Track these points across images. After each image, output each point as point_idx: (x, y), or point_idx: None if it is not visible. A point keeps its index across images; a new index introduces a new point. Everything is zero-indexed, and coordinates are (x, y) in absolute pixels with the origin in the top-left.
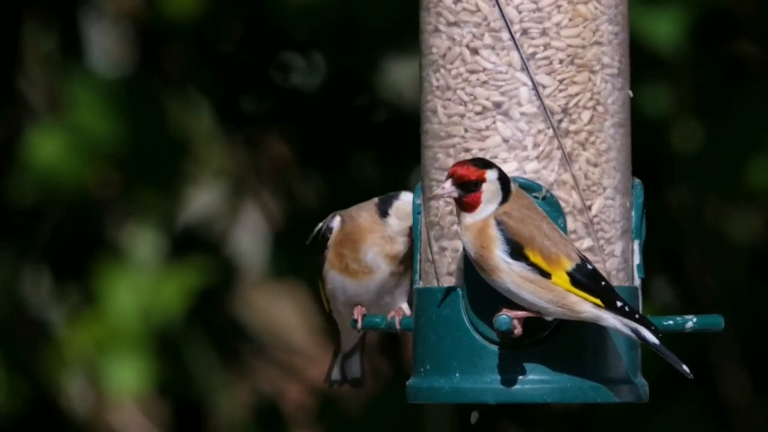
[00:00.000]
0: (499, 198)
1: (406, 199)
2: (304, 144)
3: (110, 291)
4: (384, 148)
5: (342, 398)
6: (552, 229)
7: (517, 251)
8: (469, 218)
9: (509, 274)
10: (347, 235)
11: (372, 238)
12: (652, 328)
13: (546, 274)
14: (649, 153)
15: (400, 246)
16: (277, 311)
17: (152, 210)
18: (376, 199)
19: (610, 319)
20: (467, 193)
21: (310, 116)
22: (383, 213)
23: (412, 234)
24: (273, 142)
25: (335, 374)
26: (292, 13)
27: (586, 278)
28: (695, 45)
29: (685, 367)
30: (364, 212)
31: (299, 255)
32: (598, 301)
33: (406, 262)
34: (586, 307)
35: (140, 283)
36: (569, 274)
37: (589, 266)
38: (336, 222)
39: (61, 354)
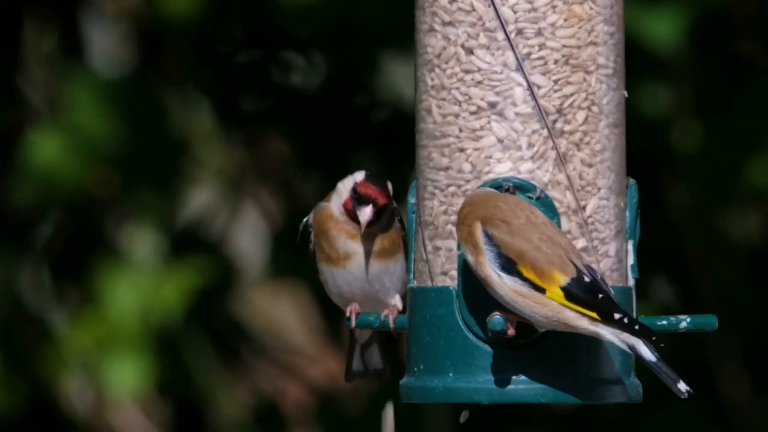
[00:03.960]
0: None
1: (353, 176)
2: (303, 144)
3: (110, 291)
4: (383, 148)
5: (342, 398)
6: (542, 238)
7: (509, 266)
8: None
9: (501, 287)
10: (318, 227)
11: (332, 223)
12: (653, 338)
13: (540, 289)
14: (648, 153)
15: (347, 225)
16: (277, 311)
17: (152, 210)
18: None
19: (608, 336)
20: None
21: (310, 116)
22: (334, 189)
23: (344, 209)
24: (273, 142)
25: (356, 365)
26: (291, 13)
27: (582, 292)
28: (695, 45)
29: (680, 386)
30: (325, 200)
31: (299, 255)
32: (594, 314)
33: (382, 243)
34: (583, 323)
35: (140, 283)
36: (563, 288)
37: (587, 278)
38: (311, 217)
39: (60, 354)
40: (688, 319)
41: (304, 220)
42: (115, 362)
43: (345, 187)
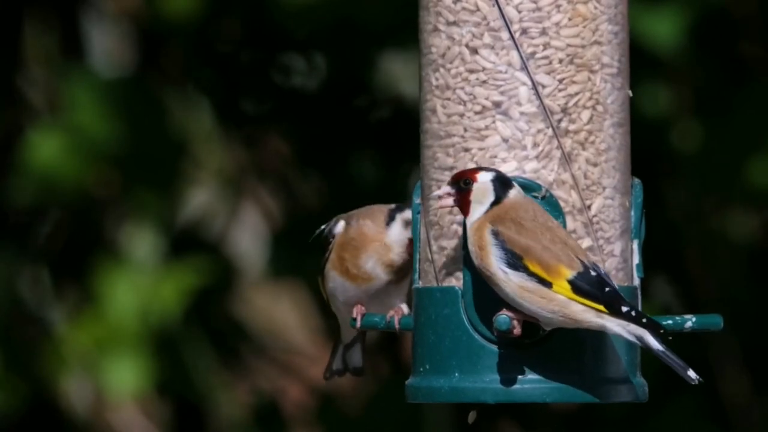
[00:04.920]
0: (489, 199)
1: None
2: (304, 144)
3: (109, 291)
4: (384, 148)
5: (342, 398)
6: (554, 240)
7: (514, 261)
8: (469, 221)
9: (507, 283)
10: (350, 240)
11: (373, 246)
12: (661, 331)
13: (547, 283)
14: (649, 153)
15: (395, 256)
16: (277, 311)
17: (151, 210)
18: (393, 205)
19: (614, 327)
20: (459, 193)
21: (310, 116)
22: (391, 218)
23: (412, 246)
24: (273, 142)
25: (336, 363)
26: (291, 13)
27: (589, 285)
28: (695, 45)
29: (690, 373)
30: (370, 219)
31: (299, 255)
32: (601, 307)
33: (405, 271)
34: (589, 316)
35: (139, 283)
36: (570, 281)
37: (593, 273)
38: (340, 227)
39: (60, 354)
40: (694, 319)
41: (324, 226)
42: (114, 362)
43: (410, 219)
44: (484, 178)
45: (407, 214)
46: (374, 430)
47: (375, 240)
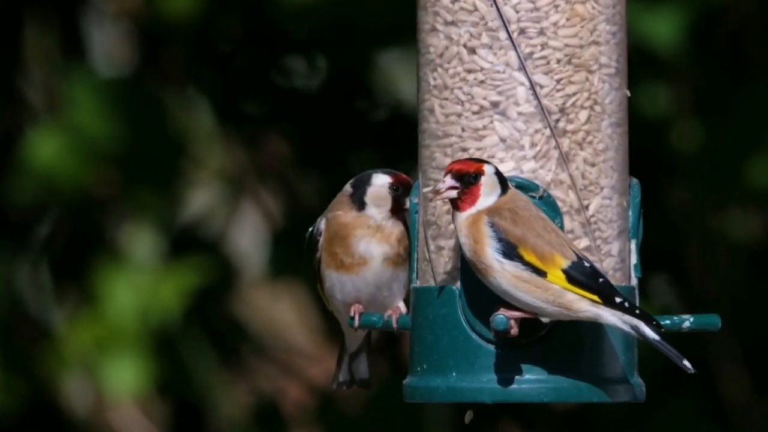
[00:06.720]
0: (497, 191)
1: (377, 182)
2: (304, 144)
3: (109, 291)
4: (383, 148)
5: (341, 398)
6: (547, 229)
7: (510, 251)
8: (464, 214)
9: (502, 273)
10: (334, 234)
11: (359, 232)
12: (654, 323)
13: (541, 273)
14: (648, 153)
15: (389, 229)
16: (277, 311)
17: (151, 210)
18: (348, 188)
19: (609, 317)
20: (467, 187)
21: (310, 116)
22: (360, 205)
23: (386, 213)
24: (273, 142)
25: (343, 375)
26: (291, 13)
27: (583, 275)
28: (695, 45)
29: (686, 363)
30: (341, 209)
31: (299, 255)
32: (595, 297)
33: (399, 249)
34: (583, 305)
35: (139, 283)
36: (565, 271)
37: (587, 263)
38: (322, 224)
39: (60, 354)
40: (692, 319)
41: (311, 229)
42: (114, 362)
43: (378, 195)
44: (489, 170)
45: (369, 191)
46: (374, 430)
47: (357, 226)
